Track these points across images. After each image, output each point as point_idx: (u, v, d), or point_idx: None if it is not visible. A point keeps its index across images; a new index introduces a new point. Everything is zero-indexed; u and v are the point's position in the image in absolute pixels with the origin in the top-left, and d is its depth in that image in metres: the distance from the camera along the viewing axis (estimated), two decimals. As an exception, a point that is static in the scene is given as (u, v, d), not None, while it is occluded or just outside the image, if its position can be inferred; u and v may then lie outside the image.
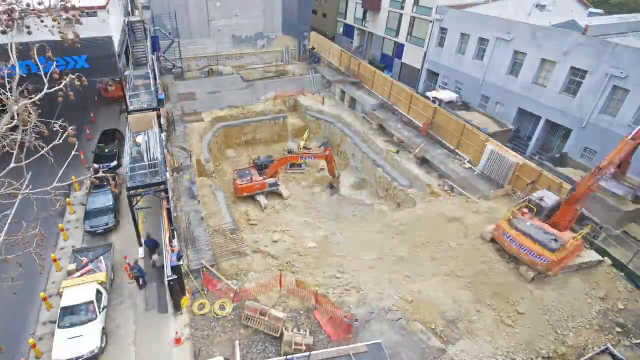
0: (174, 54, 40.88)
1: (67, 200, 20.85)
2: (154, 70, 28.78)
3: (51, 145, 6.08)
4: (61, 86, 6.07)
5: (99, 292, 15.29)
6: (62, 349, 13.58)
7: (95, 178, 6.58)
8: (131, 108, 21.89)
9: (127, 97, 22.81)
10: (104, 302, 15.34)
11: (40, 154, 6.15)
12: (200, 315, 16.41)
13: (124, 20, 28.49)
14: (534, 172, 24.88)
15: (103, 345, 14.38)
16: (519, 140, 33.20)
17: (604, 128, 25.69)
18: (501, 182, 26.81)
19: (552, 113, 29.01)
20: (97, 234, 19.41)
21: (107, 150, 25.00)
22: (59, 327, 14.23)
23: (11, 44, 6.06)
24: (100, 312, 14.84)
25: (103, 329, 14.67)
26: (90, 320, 14.43)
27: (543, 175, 24.41)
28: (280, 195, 30.58)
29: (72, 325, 14.23)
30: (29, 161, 6.15)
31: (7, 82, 6.08)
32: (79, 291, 15.02)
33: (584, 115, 26.67)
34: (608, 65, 24.87)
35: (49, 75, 6.23)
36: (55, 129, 6.22)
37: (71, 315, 14.46)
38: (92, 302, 14.78)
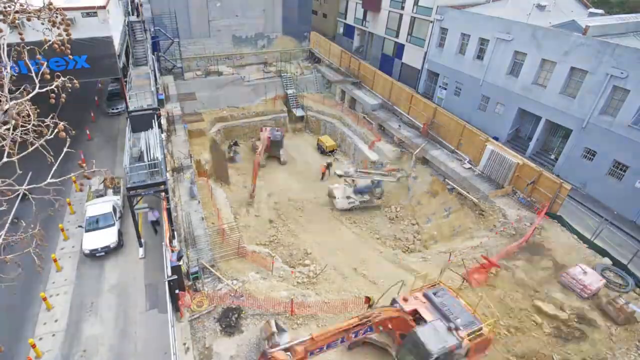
0: (174, 54, 40.86)
1: (67, 200, 20.85)
2: (154, 70, 28.77)
3: (42, 140, 6.09)
4: (52, 87, 6.07)
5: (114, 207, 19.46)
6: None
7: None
8: (131, 108, 21.87)
9: (127, 97, 22.81)
10: (118, 214, 19.55)
11: (33, 147, 6.15)
12: (199, 312, 16.50)
13: (124, 20, 28.48)
14: (533, 172, 24.91)
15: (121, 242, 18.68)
16: (519, 140, 33.22)
17: (604, 128, 25.69)
18: (501, 182, 26.83)
19: (552, 113, 29.01)
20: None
21: None
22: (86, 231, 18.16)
23: (3, 44, 6.07)
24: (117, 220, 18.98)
25: (119, 231, 18.79)
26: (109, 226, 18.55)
27: (543, 175, 24.44)
28: (279, 159, 34.95)
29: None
30: (19, 156, 6.14)
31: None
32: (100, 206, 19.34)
33: (584, 115, 26.68)
34: (608, 65, 24.87)
35: (39, 75, 6.23)
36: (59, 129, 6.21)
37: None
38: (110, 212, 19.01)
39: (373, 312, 14.01)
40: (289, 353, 12.29)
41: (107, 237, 18.21)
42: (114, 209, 19.44)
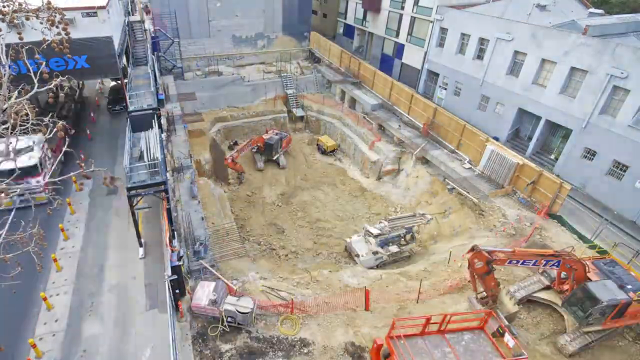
0: (174, 54, 40.87)
1: (67, 200, 20.83)
2: (154, 70, 28.75)
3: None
4: (50, 86, 6.08)
5: None
6: None
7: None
8: (131, 108, 21.86)
9: (127, 97, 22.80)
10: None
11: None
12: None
13: (124, 20, 28.49)
14: (533, 172, 24.91)
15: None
16: (519, 140, 33.21)
17: (604, 128, 25.68)
18: (501, 182, 26.83)
19: (552, 113, 29.00)
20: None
21: None
22: None
23: (1, 44, 6.07)
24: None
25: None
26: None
27: (543, 175, 24.44)
28: (277, 164, 34.96)
29: None
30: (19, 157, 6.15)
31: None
32: None
33: (584, 115, 26.66)
34: (608, 65, 24.85)
35: (38, 75, 6.24)
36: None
37: None
38: None
39: (566, 251, 16.71)
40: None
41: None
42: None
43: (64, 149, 6.34)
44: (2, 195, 6.27)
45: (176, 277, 15.57)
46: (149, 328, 15.40)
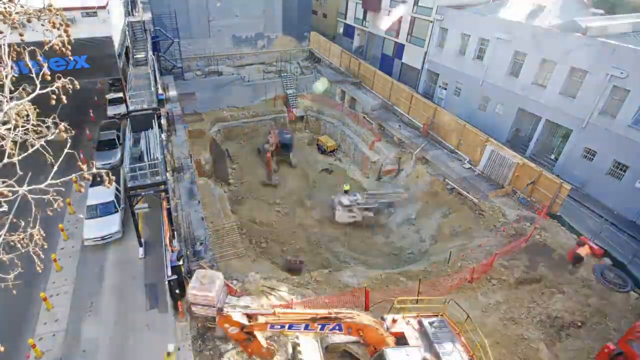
0: (174, 54, 40.87)
1: (67, 200, 20.83)
2: (154, 70, 28.77)
3: (43, 140, 6.12)
4: (52, 88, 6.08)
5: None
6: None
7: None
8: (131, 108, 21.86)
9: (127, 97, 22.80)
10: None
11: (34, 148, 6.17)
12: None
13: (124, 20, 28.51)
14: (533, 172, 24.92)
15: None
16: (519, 140, 33.20)
17: (604, 128, 25.68)
18: (501, 182, 26.84)
19: (552, 113, 28.99)
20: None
21: None
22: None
23: (3, 45, 6.07)
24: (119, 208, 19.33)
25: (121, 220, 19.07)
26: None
27: (543, 175, 24.45)
28: (289, 163, 35.25)
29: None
30: (20, 157, 6.15)
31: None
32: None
33: (584, 115, 26.65)
34: (608, 65, 24.84)
35: (40, 76, 6.24)
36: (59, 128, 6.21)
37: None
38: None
39: (348, 312, 13.07)
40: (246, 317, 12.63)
41: (109, 225, 18.65)
42: (117, 197, 19.85)
43: (66, 150, 6.35)
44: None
45: (176, 277, 15.58)
46: (149, 328, 15.42)
